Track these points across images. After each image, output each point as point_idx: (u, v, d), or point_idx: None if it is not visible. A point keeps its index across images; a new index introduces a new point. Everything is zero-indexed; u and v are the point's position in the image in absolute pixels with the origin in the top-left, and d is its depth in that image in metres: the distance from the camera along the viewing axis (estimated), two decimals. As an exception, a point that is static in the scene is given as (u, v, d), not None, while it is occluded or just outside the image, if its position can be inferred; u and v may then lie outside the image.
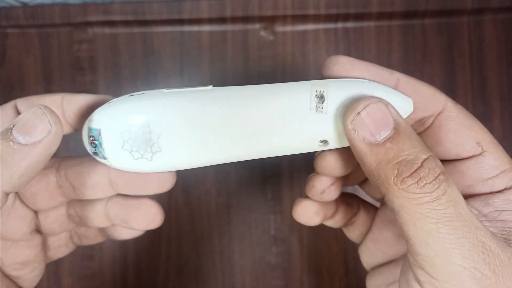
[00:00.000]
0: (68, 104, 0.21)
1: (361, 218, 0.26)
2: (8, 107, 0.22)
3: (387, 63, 0.40)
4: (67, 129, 0.22)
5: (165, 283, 0.39)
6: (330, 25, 0.40)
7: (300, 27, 0.40)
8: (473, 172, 0.19)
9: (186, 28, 0.40)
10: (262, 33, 0.40)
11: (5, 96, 0.39)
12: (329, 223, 0.26)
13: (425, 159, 0.16)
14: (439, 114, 0.20)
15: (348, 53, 0.40)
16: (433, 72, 0.40)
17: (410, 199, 0.16)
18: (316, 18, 0.39)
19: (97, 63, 0.40)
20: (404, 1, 0.39)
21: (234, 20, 0.39)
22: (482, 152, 0.19)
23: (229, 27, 0.40)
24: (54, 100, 0.21)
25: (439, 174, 0.16)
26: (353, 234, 0.26)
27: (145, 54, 0.40)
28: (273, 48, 0.40)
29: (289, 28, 0.40)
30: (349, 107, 0.18)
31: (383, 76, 0.20)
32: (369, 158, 0.17)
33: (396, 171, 0.16)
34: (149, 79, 0.40)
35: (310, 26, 0.40)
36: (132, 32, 0.40)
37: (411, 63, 0.40)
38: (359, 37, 0.40)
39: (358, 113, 0.17)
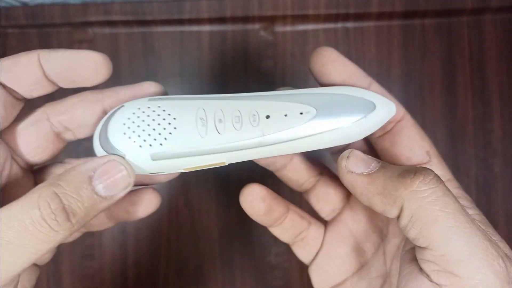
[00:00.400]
0: (47, 62, 0.20)
1: (312, 234, 0.26)
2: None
3: (387, 63, 0.40)
4: (50, 88, 0.22)
5: (165, 283, 0.39)
6: (330, 25, 0.40)
7: (300, 27, 0.40)
8: None
9: (186, 28, 0.40)
10: (262, 33, 0.40)
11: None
12: (278, 231, 0.25)
13: (417, 169, 0.18)
14: (399, 121, 0.22)
15: (348, 53, 0.40)
16: (433, 72, 0.40)
17: (424, 197, 0.17)
18: (316, 18, 0.39)
19: (97, 63, 0.40)
20: (404, 1, 0.39)
21: (234, 20, 0.39)
22: (429, 161, 0.21)
23: (229, 27, 0.40)
24: (30, 60, 0.20)
25: (433, 175, 0.18)
26: (304, 251, 0.26)
27: (145, 54, 0.40)
28: (273, 48, 0.40)
29: (289, 28, 0.40)
30: (339, 158, 0.20)
31: (358, 76, 0.22)
32: (372, 185, 0.19)
33: (402, 179, 0.18)
34: (149, 79, 0.40)
35: (310, 26, 0.40)
36: (132, 32, 0.40)
37: (411, 63, 0.40)
38: (359, 37, 0.40)
39: (347, 157, 0.20)
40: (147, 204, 0.24)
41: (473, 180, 0.40)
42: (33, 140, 0.22)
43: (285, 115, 0.20)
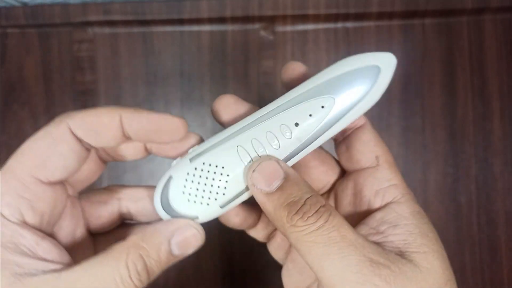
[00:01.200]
0: (128, 124, 0.21)
1: (281, 235, 0.27)
2: (63, 133, 0.21)
3: (387, 63, 0.40)
4: (123, 142, 0.22)
5: (165, 283, 0.39)
6: (330, 25, 0.40)
7: (300, 27, 0.40)
8: (368, 182, 0.23)
9: (186, 28, 0.40)
10: (262, 33, 0.40)
11: (5, 96, 0.40)
12: (253, 233, 0.28)
13: (308, 198, 0.19)
14: (357, 128, 0.23)
15: (348, 53, 0.40)
16: (433, 72, 0.40)
17: (300, 232, 0.19)
18: (316, 18, 0.39)
19: (97, 63, 0.40)
20: (404, 1, 0.39)
21: (234, 20, 0.39)
22: (377, 166, 0.23)
23: (229, 27, 0.40)
24: (112, 119, 0.21)
25: (319, 207, 0.19)
26: (277, 252, 0.28)
27: (145, 54, 0.40)
28: (273, 48, 0.40)
29: (289, 28, 0.40)
30: (248, 168, 0.21)
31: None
32: (268, 206, 0.20)
33: (287, 212, 0.19)
34: (149, 79, 0.40)
35: (310, 26, 0.40)
36: (132, 32, 0.40)
37: (411, 63, 0.40)
38: (359, 37, 0.40)
39: (253, 170, 0.21)
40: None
41: (473, 180, 0.40)
42: (103, 216, 0.24)
43: (310, 115, 0.21)
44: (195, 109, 0.40)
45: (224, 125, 0.24)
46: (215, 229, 0.39)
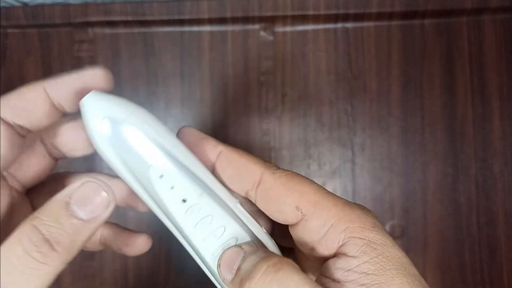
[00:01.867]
0: (55, 92, 0.20)
1: None
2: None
3: (387, 63, 0.40)
4: (57, 116, 0.21)
5: (165, 283, 0.39)
6: (330, 25, 0.40)
7: (300, 27, 0.40)
8: (306, 237, 0.20)
9: (186, 28, 0.40)
10: (262, 33, 0.40)
11: (6, 96, 0.40)
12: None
13: (258, 262, 0.18)
14: (257, 186, 0.20)
15: (348, 53, 0.40)
16: (433, 72, 0.40)
17: None
18: (316, 18, 0.39)
19: (97, 63, 0.40)
20: (404, 1, 0.39)
21: (234, 20, 0.39)
22: (304, 216, 0.19)
23: (229, 27, 0.40)
24: (37, 93, 0.20)
25: (266, 268, 0.17)
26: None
27: (145, 54, 0.40)
28: (273, 48, 0.40)
29: (289, 28, 0.40)
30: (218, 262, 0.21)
31: (208, 147, 0.22)
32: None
33: (245, 282, 0.18)
34: (149, 79, 0.40)
35: (310, 26, 0.40)
36: (132, 32, 0.40)
37: (411, 63, 0.40)
38: (359, 37, 0.40)
39: (219, 264, 0.21)
40: (140, 248, 0.26)
41: (473, 180, 0.40)
42: (30, 163, 0.22)
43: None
44: (195, 109, 0.40)
45: None
46: (215, 229, 0.39)
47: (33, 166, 0.22)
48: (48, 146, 0.23)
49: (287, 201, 0.20)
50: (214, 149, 0.21)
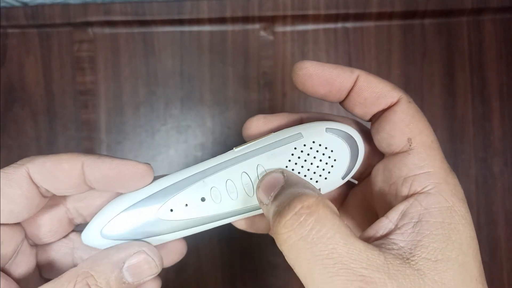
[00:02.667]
0: (90, 171, 0.20)
1: None
2: (20, 176, 0.20)
3: (387, 63, 0.40)
4: (85, 190, 0.21)
5: (165, 283, 0.39)
6: (330, 25, 0.40)
7: (300, 27, 0.40)
8: (396, 169, 0.20)
9: (186, 28, 0.40)
10: (262, 33, 0.40)
11: (5, 96, 0.40)
12: None
13: (293, 200, 0.17)
14: (389, 106, 0.21)
15: (348, 53, 0.40)
16: (433, 72, 0.40)
17: (283, 242, 0.17)
18: (316, 18, 0.39)
19: (97, 63, 0.40)
20: (404, 1, 0.39)
21: (234, 20, 0.39)
22: (409, 150, 0.20)
23: (229, 27, 0.40)
24: (73, 166, 0.20)
25: (299, 209, 0.17)
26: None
27: (145, 54, 0.40)
28: (273, 48, 0.40)
29: (289, 28, 0.40)
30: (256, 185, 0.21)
31: (343, 76, 0.21)
32: (267, 219, 0.19)
33: (273, 221, 0.18)
34: (149, 79, 0.40)
35: (310, 26, 0.40)
36: (132, 32, 0.40)
37: (411, 63, 0.40)
38: (359, 37, 0.40)
39: (258, 187, 0.20)
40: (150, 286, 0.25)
41: (473, 180, 0.40)
42: (46, 223, 0.23)
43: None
44: (195, 109, 0.40)
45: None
46: (215, 228, 0.39)
47: (47, 226, 0.23)
48: (71, 211, 0.23)
49: (404, 129, 0.20)
50: (351, 74, 0.21)
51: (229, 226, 0.42)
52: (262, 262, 0.39)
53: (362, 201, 0.24)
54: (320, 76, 0.21)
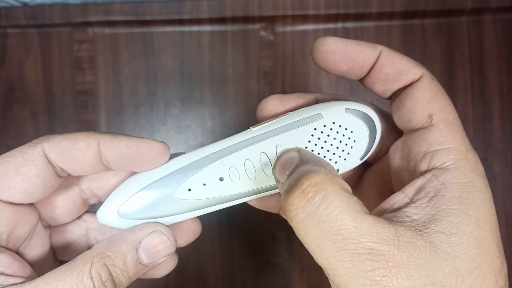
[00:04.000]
0: (107, 150, 0.20)
1: None
2: (35, 155, 0.19)
3: (387, 63, 0.40)
4: (101, 170, 0.21)
5: (165, 283, 0.39)
6: (330, 25, 0.40)
7: (300, 27, 0.40)
8: (416, 144, 0.20)
9: (186, 28, 0.40)
10: (262, 33, 0.40)
11: (5, 96, 0.40)
12: None
13: (301, 177, 0.17)
14: (412, 83, 0.21)
15: (348, 53, 0.40)
16: (433, 72, 0.40)
17: (293, 218, 0.17)
18: (316, 18, 0.39)
19: (97, 63, 0.40)
20: (404, 1, 0.39)
21: (234, 20, 0.39)
22: (430, 126, 0.19)
23: (229, 27, 0.40)
24: (89, 145, 0.20)
25: (307, 186, 0.17)
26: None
27: (145, 54, 0.40)
28: (273, 48, 0.40)
29: (289, 28, 0.40)
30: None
31: (366, 51, 0.21)
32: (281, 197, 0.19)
33: (282, 198, 0.18)
34: (149, 79, 0.40)
35: (310, 26, 0.40)
36: (132, 32, 0.40)
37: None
38: (359, 37, 0.40)
39: (274, 166, 0.20)
40: (167, 267, 0.25)
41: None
42: (61, 205, 0.23)
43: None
44: (195, 109, 0.40)
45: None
46: (215, 228, 0.39)
47: (62, 207, 0.23)
48: (85, 192, 0.23)
49: (425, 105, 0.20)
50: (374, 50, 0.21)
51: (230, 225, 0.42)
52: (262, 262, 0.39)
53: (378, 181, 0.24)
54: (343, 53, 0.21)
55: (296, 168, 0.18)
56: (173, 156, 0.22)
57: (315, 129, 0.21)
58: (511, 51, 0.40)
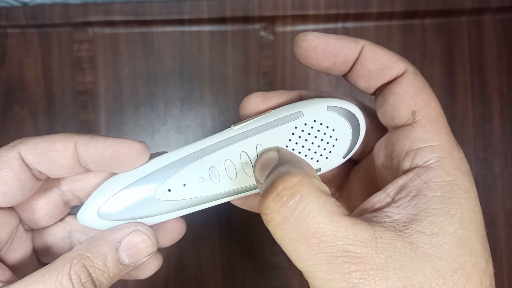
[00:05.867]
0: (84, 151, 0.20)
1: None
2: (11, 158, 0.19)
3: (387, 63, 0.40)
4: (80, 171, 0.21)
5: (165, 283, 0.39)
6: (330, 25, 0.40)
7: (300, 27, 0.40)
8: (399, 142, 0.19)
9: (186, 28, 0.40)
10: (262, 33, 0.40)
11: (5, 96, 0.40)
12: None
13: (278, 179, 0.17)
14: (394, 79, 0.20)
15: (348, 53, 0.40)
16: (433, 72, 0.40)
17: (269, 221, 0.16)
18: (316, 18, 0.39)
19: (97, 63, 0.40)
20: (404, 1, 0.39)
21: (234, 20, 0.39)
22: (413, 123, 0.19)
23: (229, 27, 0.40)
24: (67, 146, 0.20)
25: (282, 189, 0.16)
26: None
27: (145, 54, 0.40)
28: (273, 48, 0.40)
29: (289, 28, 0.40)
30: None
31: (348, 46, 0.20)
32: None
33: (259, 200, 0.17)
34: (149, 79, 0.40)
35: (310, 26, 0.40)
36: (132, 32, 0.40)
37: (411, 63, 0.40)
38: (359, 37, 0.40)
39: (254, 166, 0.20)
40: (151, 268, 0.25)
41: (473, 180, 0.40)
42: (41, 207, 0.22)
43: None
44: (195, 109, 0.40)
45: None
46: (215, 228, 0.39)
47: (42, 210, 0.22)
48: (66, 194, 0.23)
49: (409, 102, 0.19)
50: (356, 45, 0.20)
51: (230, 225, 0.42)
52: (262, 262, 0.39)
53: (365, 178, 0.23)
54: (324, 48, 0.20)
55: (274, 169, 0.18)
56: (154, 155, 0.22)
57: (295, 127, 0.21)
58: (511, 51, 0.40)
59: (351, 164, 0.25)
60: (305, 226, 0.16)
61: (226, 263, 0.39)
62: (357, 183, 0.24)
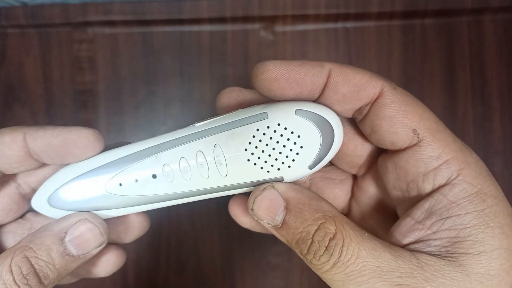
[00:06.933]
0: (33, 141, 0.19)
1: None
2: None
3: (387, 63, 0.40)
4: (34, 165, 0.20)
5: (165, 283, 0.39)
6: (330, 25, 0.40)
7: (300, 27, 0.40)
8: (411, 166, 0.18)
9: (186, 28, 0.40)
10: (262, 33, 0.40)
11: (5, 96, 0.40)
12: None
13: (315, 232, 0.17)
14: (375, 101, 0.18)
15: (348, 53, 0.40)
16: (433, 72, 0.40)
17: (318, 269, 0.17)
18: (316, 18, 0.39)
19: (97, 63, 0.40)
20: (404, 1, 0.39)
21: (234, 20, 0.39)
22: (419, 142, 0.18)
23: (229, 27, 0.40)
24: (15, 138, 0.19)
25: (329, 242, 0.16)
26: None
27: (145, 54, 0.40)
28: (273, 48, 0.40)
29: (289, 28, 0.40)
30: (248, 202, 0.19)
31: (313, 72, 0.19)
32: (282, 239, 0.18)
33: (299, 251, 0.17)
34: (149, 78, 0.40)
35: (310, 26, 0.40)
36: (132, 32, 0.40)
37: (411, 63, 0.40)
38: (359, 37, 0.40)
39: (252, 209, 0.18)
40: (110, 264, 0.24)
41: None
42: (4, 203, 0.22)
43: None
44: (195, 109, 0.40)
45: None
46: (215, 228, 0.39)
47: None
48: (23, 187, 0.22)
49: (405, 121, 0.18)
50: (322, 69, 0.19)
51: (230, 225, 0.42)
52: (262, 262, 0.39)
53: (374, 198, 0.23)
54: (287, 78, 0.19)
55: (290, 214, 0.18)
56: (113, 146, 0.21)
57: (257, 129, 0.19)
58: (511, 51, 0.40)
59: (352, 180, 0.24)
60: (351, 267, 0.16)
61: (226, 264, 0.39)
62: (365, 202, 0.23)
